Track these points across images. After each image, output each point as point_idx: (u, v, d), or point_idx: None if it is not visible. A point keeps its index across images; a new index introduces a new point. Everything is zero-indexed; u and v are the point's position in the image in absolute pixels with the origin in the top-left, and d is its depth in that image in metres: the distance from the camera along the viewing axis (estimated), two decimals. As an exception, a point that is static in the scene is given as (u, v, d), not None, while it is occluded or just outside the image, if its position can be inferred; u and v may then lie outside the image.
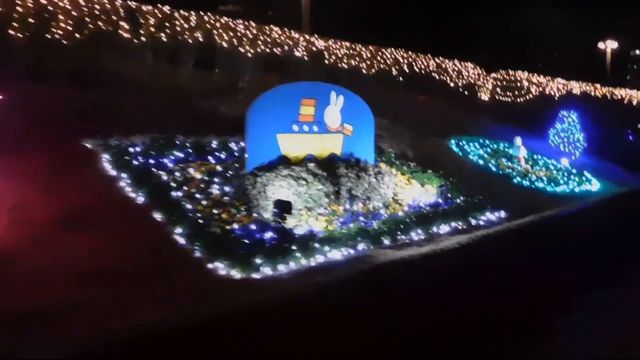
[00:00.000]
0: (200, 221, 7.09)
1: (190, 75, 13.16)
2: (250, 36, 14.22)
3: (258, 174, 8.25)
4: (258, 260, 6.32)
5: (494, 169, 13.78)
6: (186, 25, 12.98)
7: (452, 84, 21.25)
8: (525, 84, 25.70)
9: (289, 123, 8.93)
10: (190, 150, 9.27)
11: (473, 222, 9.46)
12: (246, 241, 6.83)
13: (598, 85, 31.34)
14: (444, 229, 8.80)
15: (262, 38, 14.50)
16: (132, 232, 6.54)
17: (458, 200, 10.24)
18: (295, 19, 23.06)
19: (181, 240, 6.58)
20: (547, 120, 19.59)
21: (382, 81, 18.15)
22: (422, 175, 11.00)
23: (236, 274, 6.05)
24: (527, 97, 25.34)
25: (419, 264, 6.89)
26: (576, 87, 28.96)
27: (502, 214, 10.15)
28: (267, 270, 6.24)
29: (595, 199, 12.72)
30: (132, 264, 5.81)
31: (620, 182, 15.39)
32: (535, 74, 26.74)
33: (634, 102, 31.59)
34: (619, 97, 31.24)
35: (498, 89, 25.87)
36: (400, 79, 18.89)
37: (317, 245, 7.00)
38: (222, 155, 9.41)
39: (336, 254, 7.04)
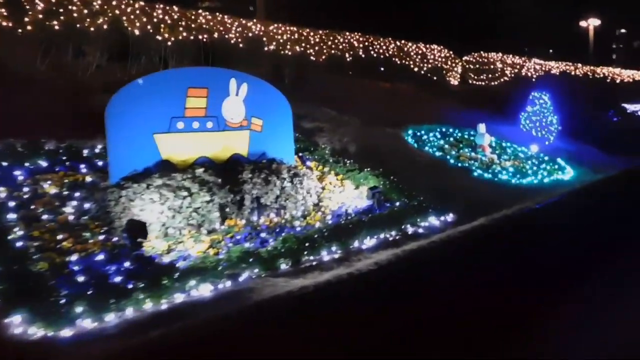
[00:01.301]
0: (26, 252, 5.37)
1: (95, 68, 11.39)
2: (170, 21, 12.45)
3: (124, 185, 6.54)
4: (78, 309, 4.61)
5: (452, 161, 12.10)
6: (86, 11, 11.18)
7: (415, 69, 19.54)
8: (499, 65, 24.07)
9: (170, 120, 7.20)
10: (64, 158, 7.60)
11: (410, 230, 7.77)
12: (82, 279, 5.14)
13: (579, 65, 29.78)
14: (370, 242, 7.11)
15: (184, 23, 12.73)
16: None
17: (398, 204, 8.56)
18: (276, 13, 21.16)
19: (-18, 284, 4.87)
20: (520, 104, 17.94)
21: (333, 68, 16.47)
22: (358, 175, 9.31)
23: (37, 331, 4.34)
24: (502, 80, 23.70)
25: (313, 298, 5.21)
26: (555, 67, 27.35)
27: (450, 217, 8.48)
28: (86, 324, 4.54)
29: (565, 190, 11.03)
30: None
31: (597, 168, 13.72)
32: (511, 55, 25.07)
33: (618, 81, 30.03)
34: (602, 75, 29.68)
35: (471, 73, 24.25)
36: (356, 65, 17.15)
37: (178, 279, 5.30)
38: (101, 163, 7.69)
39: (205, 290, 5.34)
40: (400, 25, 22.12)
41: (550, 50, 38.77)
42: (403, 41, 19.40)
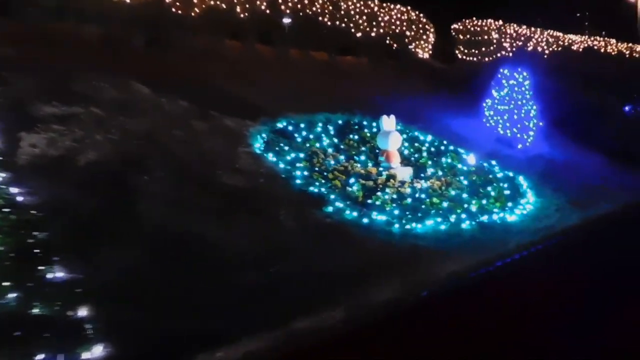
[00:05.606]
0: None
1: None
2: None
3: None
4: None
5: (298, 182, 6.84)
6: None
7: (359, 34, 14.14)
8: (495, 36, 18.20)
9: None
10: None
11: None
12: None
13: (613, 41, 23.45)
14: None
15: None
16: None
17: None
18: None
19: None
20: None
21: (215, 28, 11.40)
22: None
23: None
24: (497, 55, 17.88)
25: None
26: (577, 41, 21.22)
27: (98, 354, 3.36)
28: None
29: (485, 256, 5.64)
30: None
31: (584, 195, 8.15)
32: (514, 25, 19.03)
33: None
34: (642, 55, 23.33)
35: (460, 45, 18.51)
36: (256, 26, 11.99)
37: None
38: None
39: None
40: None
41: (587, 23, 31.95)
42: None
